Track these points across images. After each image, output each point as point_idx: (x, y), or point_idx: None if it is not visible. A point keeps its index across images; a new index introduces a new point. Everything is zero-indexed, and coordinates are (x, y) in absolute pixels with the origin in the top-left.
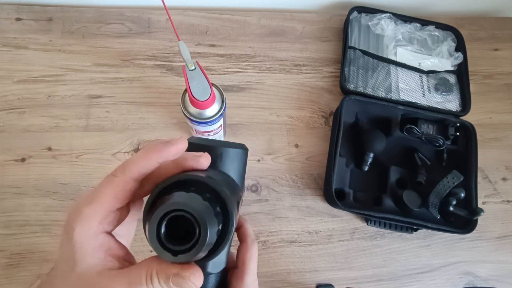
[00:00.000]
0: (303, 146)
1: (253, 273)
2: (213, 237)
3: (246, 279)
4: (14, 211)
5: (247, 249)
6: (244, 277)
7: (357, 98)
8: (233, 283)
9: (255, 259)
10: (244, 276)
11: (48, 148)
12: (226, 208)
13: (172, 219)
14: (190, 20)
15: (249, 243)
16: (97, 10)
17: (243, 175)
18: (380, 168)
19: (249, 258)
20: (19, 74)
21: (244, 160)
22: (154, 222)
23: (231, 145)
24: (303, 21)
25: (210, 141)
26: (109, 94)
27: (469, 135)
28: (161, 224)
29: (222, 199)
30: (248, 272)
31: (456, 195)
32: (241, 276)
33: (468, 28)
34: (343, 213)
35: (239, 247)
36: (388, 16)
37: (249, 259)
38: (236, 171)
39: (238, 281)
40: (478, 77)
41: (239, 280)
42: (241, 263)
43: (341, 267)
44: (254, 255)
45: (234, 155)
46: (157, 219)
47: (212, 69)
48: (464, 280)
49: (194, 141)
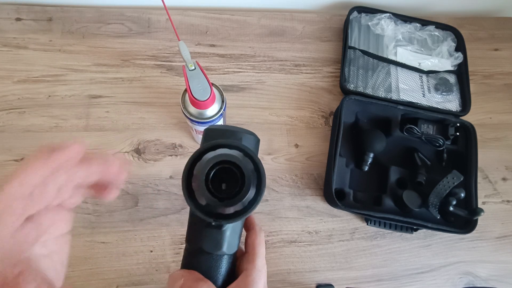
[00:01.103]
0: (303, 146)
1: (263, 257)
2: (253, 192)
3: (257, 261)
4: None
5: (256, 234)
6: (255, 260)
7: (357, 98)
8: (244, 267)
9: (263, 245)
10: (255, 259)
11: None
12: (258, 170)
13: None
14: (190, 20)
15: (257, 230)
16: (97, 10)
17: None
18: (380, 168)
19: (259, 243)
20: (19, 74)
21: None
22: (204, 170)
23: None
24: (303, 21)
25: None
26: (109, 94)
27: (469, 135)
28: (209, 173)
29: (255, 163)
30: (258, 255)
31: (456, 195)
32: (252, 259)
33: (468, 28)
34: (343, 213)
35: (247, 235)
36: (388, 16)
37: (258, 244)
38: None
39: (249, 264)
40: (478, 77)
41: (250, 263)
42: (251, 248)
43: (341, 267)
44: (263, 241)
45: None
46: (207, 167)
47: (212, 69)
48: (464, 280)
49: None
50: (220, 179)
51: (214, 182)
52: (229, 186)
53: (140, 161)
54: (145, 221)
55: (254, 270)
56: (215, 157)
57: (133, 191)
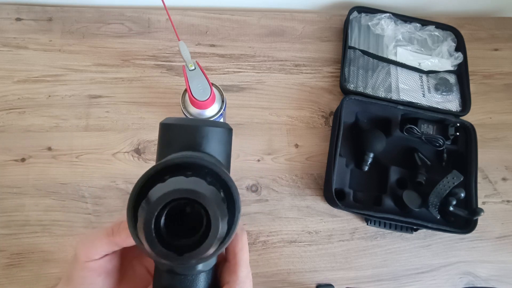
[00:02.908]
0: (303, 146)
1: (246, 264)
2: (224, 228)
3: (239, 271)
4: (14, 211)
5: (237, 239)
6: (237, 270)
7: (357, 98)
8: (225, 278)
9: (246, 249)
10: (237, 269)
11: (48, 148)
12: (230, 193)
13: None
14: (190, 20)
15: (238, 234)
16: (97, 10)
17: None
18: (380, 168)
19: (241, 249)
20: (19, 74)
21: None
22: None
23: (215, 124)
24: (303, 21)
25: (191, 120)
26: (109, 94)
27: (469, 135)
28: (160, 218)
29: (225, 184)
30: (241, 264)
31: (456, 195)
32: (234, 270)
33: (468, 28)
34: (343, 213)
35: None
36: (388, 16)
37: (240, 250)
38: (223, 154)
39: (231, 275)
40: (478, 77)
41: (232, 274)
42: (232, 255)
43: (341, 267)
44: (245, 245)
45: (220, 135)
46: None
47: (212, 69)
48: (464, 280)
49: (171, 122)
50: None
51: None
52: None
53: (140, 161)
54: None
55: (236, 284)
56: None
57: None
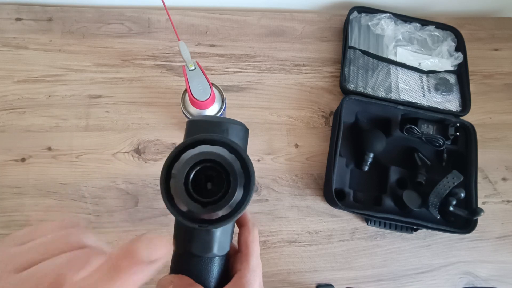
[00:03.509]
0: (303, 146)
1: (257, 255)
2: (240, 193)
3: (251, 261)
4: (14, 211)
5: (249, 232)
6: (249, 259)
7: (357, 98)
8: (237, 267)
9: (257, 242)
10: (249, 258)
11: (48, 148)
12: (246, 167)
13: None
14: (190, 20)
15: (250, 227)
16: (97, 10)
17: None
18: (380, 168)
19: (252, 241)
20: (19, 74)
21: (247, 139)
22: (182, 172)
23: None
24: (303, 21)
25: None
26: (109, 94)
27: (469, 135)
28: (189, 175)
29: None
30: (252, 254)
31: (456, 195)
32: (246, 259)
33: (468, 28)
34: (343, 213)
35: (240, 232)
36: (388, 16)
37: (252, 242)
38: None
39: (243, 264)
40: (478, 77)
41: (244, 262)
42: (244, 246)
43: (341, 267)
44: (256, 238)
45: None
46: (186, 169)
47: (212, 69)
48: (464, 280)
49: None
50: (206, 177)
51: (198, 183)
52: (216, 185)
53: (140, 161)
54: (145, 221)
55: (248, 271)
56: (194, 157)
57: (133, 191)
